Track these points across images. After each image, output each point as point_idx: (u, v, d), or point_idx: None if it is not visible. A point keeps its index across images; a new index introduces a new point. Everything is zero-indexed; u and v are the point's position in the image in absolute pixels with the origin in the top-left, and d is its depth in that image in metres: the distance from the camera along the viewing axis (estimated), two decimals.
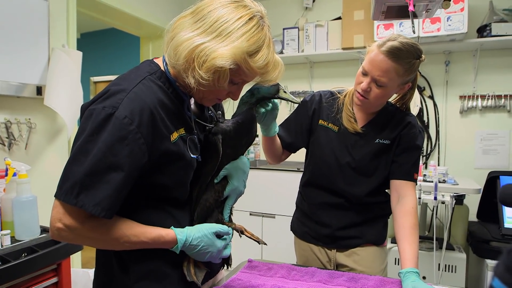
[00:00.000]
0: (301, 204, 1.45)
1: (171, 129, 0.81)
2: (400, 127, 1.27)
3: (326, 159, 1.32)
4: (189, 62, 0.75)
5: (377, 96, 1.17)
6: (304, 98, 1.41)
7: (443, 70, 2.87)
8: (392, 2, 1.02)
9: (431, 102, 2.92)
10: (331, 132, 1.32)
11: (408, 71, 1.14)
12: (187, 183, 0.89)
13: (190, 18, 0.78)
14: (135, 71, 0.82)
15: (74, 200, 0.69)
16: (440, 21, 2.50)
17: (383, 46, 1.12)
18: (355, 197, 1.30)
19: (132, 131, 0.71)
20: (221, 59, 0.73)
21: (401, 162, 1.26)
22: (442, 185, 2.29)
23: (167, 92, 0.82)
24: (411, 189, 1.25)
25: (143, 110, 0.73)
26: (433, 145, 2.91)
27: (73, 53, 2.08)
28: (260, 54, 0.77)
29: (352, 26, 2.84)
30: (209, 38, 0.74)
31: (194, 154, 0.87)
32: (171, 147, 0.80)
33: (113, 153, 0.70)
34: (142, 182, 0.78)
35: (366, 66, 1.17)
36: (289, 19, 3.36)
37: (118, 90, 0.74)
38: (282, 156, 1.41)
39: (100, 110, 0.71)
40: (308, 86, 3.34)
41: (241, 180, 0.96)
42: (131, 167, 0.72)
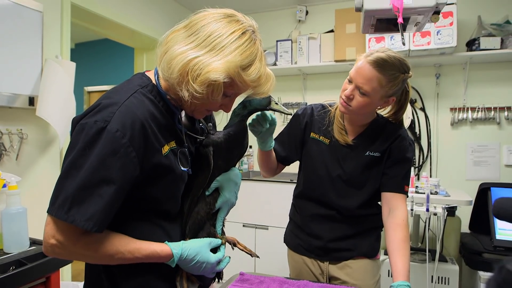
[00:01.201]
0: (294, 216, 1.46)
1: (162, 142, 0.81)
2: (391, 139, 1.28)
3: (318, 172, 1.32)
4: (183, 76, 0.76)
5: (360, 104, 1.18)
6: (296, 112, 1.42)
7: (434, 82, 2.92)
8: (381, 15, 1.04)
9: (423, 114, 2.95)
10: (322, 144, 1.33)
11: (391, 83, 1.15)
12: (178, 196, 0.89)
13: (184, 32, 0.79)
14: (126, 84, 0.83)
15: (65, 215, 0.69)
16: (430, 35, 2.55)
17: (370, 56, 1.15)
18: (346, 209, 1.31)
19: (124, 145, 0.72)
20: (215, 72, 0.74)
21: (392, 175, 1.27)
22: (434, 197, 2.30)
23: (158, 105, 0.83)
24: (402, 201, 1.25)
25: (134, 123, 0.74)
26: (425, 157, 2.94)
27: (66, 64, 2.08)
28: (253, 68, 0.78)
29: (345, 39, 2.88)
30: (203, 52, 0.75)
31: (185, 167, 0.88)
32: (163, 160, 0.80)
33: (105, 167, 0.70)
34: (133, 195, 0.78)
35: (352, 73, 1.19)
36: (282, 31, 3.41)
37: (109, 104, 0.74)
38: (277, 169, 1.42)
39: (92, 124, 0.71)
40: (302, 97, 3.37)
41: (232, 192, 0.97)
42: (123, 180, 0.72)
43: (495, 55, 2.59)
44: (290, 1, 3.29)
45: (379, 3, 1.03)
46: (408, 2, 0.99)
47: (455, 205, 2.26)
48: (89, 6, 2.41)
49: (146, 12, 2.91)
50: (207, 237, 0.92)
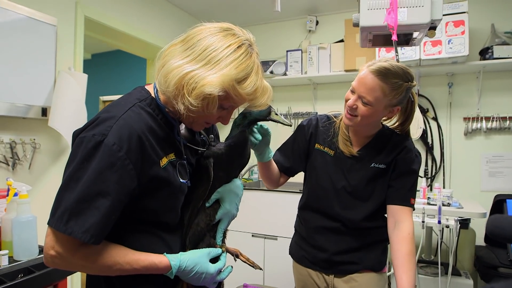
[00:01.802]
0: (299, 228, 1.45)
1: (160, 154, 0.82)
2: (396, 151, 1.27)
3: (322, 183, 1.32)
4: (179, 89, 0.77)
5: (363, 114, 1.18)
6: (301, 122, 1.42)
7: (447, 92, 2.87)
8: (377, 31, 1.04)
9: (435, 124, 2.91)
10: (327, 156, 1.32)
11: (394, 91, 1.14)
12: (177, 208, 0.89)
13: (181, 46, 0.80)
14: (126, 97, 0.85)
15: (63, 227, 0.71)
16: (441, 44, 2.53)
17: (372, 66, 1.15)
18: (351, 222, 1.29)
19: (121, 158, 0.73)
20: (210, 86, 0.75)
21: (397, 187, 1.25)
22: (447, 209, 2.25)
23: (156, 118, 0.84)
24: (407, 214, 1.23)
25: (131, 136, 0.75)
26: (437, 167, 2.88)
27: (78, 76, 2.14)
28: (249, 81, 0.79)
29: (354, 49, 2.87)
30: (198, 66, 0.76)
31: (184, 179, 0.88)
32: (161, 173, 0.81)
33: (102, 180, 0.71)
34: (132, 207, 0.79)
35: (354, 83, 1.19)
36: (292, 41, 3.42)
37: (107, 117, 0.76)
38: (280, 180, 1.42)
39: (90, 137, 0.73)
40: (312, 107, 3.37)
41: (233, 203, 0.96)
42: (120, 192, 0.74)
43: (510, 64, 2.53)
44: (300, 12, 3.31)
45: (373, 21, 1.04)
46: (403, 19, 0.99)
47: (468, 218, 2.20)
48: (102, 19, 2.47)
49: (158, 24, 2.97)
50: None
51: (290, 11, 3.27)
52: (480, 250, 2.48)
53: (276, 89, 3.53)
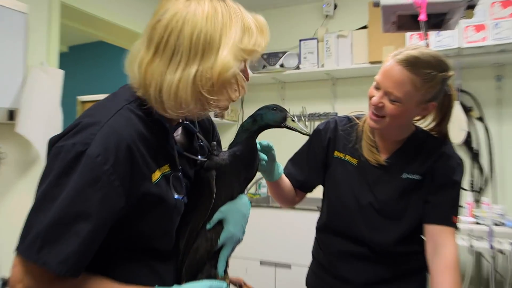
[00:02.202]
0: (317, 254, 1.44)
1: (152, 167, 0.82)
2: (433, 158, 1.25)
3: (344, 199, 1.30)
4: (198, 97, 0.78)
5: (392, 114, 1.16)
6: (317, 126, 1.41)
7: (494, 86, 2.85)
8: (402, 11, 1.02)
9: (481, 125, 2.88)
10: (348, 165, 1.31)
11: (427, 84, 1.13)
12: (172, 230, 0.88)
13: (159, 60, 0.79)
14: (111, 98, 0.84)
15: (35, 256, 0.69)
16: (486, 29, 2.51)
17: (399, 55, 1.14)
18: (380, 246, 1.27)
19: (106, 172, 0.72)
20: (226, 67, 0.77)
21: (436, 203, 1.23)
22: (500, 229, 2.22)
23: (149, 123, 0.83)
24: (450, 236, 1.21)
25: (119, 146, 0.74)
26: (486, 178, 2.85)
27: (53, 72, 2.16)
28: (247, 32, 0.82)
29: (381, 36, 2.84)
30: (197, 60, 0.77)
31: (180, 195, 0.88)
32: (152, 189, 0.81)
33: (83, 199, 0.71)
34: (118, 230, 0.78)
35: (378, 77, 1.18)
36: (306, 29, 3.43)
37: (90, 123, 0.75)
38: (296, 198, 1.41)
39: (69, 147, 0.72)
40: (331, 107, 3.36)
41: (239, 225, 0.95)
42: (104, 214, 0.73)
43: None
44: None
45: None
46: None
47: None
48: (81, 5, 2.51)
49: (146, 11, 2.99)
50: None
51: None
52: None
53: (288, 85, 3.53)
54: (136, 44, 0.85)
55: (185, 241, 0.92)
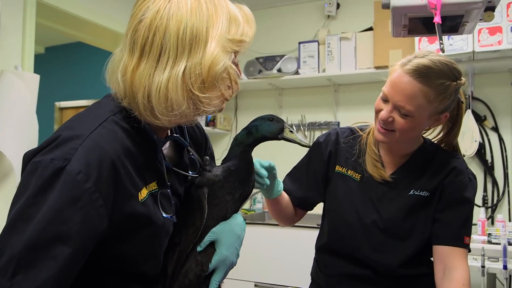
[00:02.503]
0: (316, 276, 1.44)
1: (139, 185, 0.82)
2: (443, 173, 1.27)
3: (346, 217, 1.31)
4: (189, 96, 0.79)
5: (403, 128, 1.17)
6: (317, 138, 1.43)
7: (510, 93, 2.88)
8: (414, 13, 1.04)
9: (496, 136, 2.91)
10: (351, 181, 1.32)
11: (441, 95, 1.14)
12: (159, 253, 0.88)
13: (145, 62, 0.80)
14: (95, 109, 0.85)
15: (8, 282, 0.68)
16: (501, 31, 2.54)
17: (408, 65, 1.14)
18: (385, 268, 1.28)
19: (88, 191, 0.72)
20: (216, 61, 0.79)
21: (446, 222, 1.24)
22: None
23: (136, 136, 0.84)
24: (461, 258, 1.22)
25: (102, 162, 0.74)
26: (500, 194, 2.87)
27: (28, 77, 2.16)
28: (234, 21, 0.84)
29: (387, 39, 2.88)
30: (185, 57, 0.78)
31: (168, 214, 0.88)
32: (139, 209, 0.80)
33: (62, 220, 0.70)
34: (100, 253, 0.78)
35: (387, 89, 1.19)
36: (306, 30, 3.45)
37: (71, 137, 0.75)
38: (295, 216, 1.42)
39: (47, 163, 0.72)
40: (332, 115, 3.38)
41: (232, 247, 0.95)
42: (84, 237, 0.73)
43: None
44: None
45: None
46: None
47: None
48: (59, 4, 2.51)
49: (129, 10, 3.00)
50: None
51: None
52: None
53: (286, 91, 3.54)
54: (115, 52, 0.85)
55: (173, 264, 0.92)
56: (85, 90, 4.80)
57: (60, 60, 5.00)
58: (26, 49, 2.31)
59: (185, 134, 1.00)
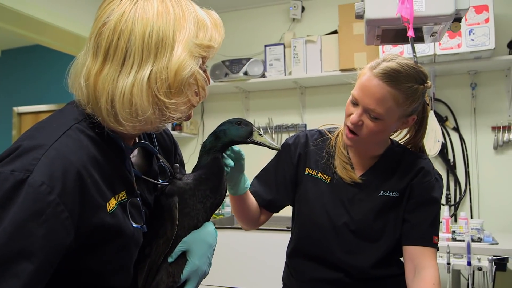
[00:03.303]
0: (288, 281, 1.43)
1: (107, 195, 0.80)
2: (411, 174, 1.28)
3: (317, 220, 1.31)
4: (155, 101, 0.77)
5: (372, 131, 1.19)
6: (286, 141, 1.42)
7: (469, 94, 2.97)
8: (387, 26, 1.06)
9: (457, 136, 2.99)
10: (321, 183, 1.33)
11: (409, 99, 1.16)
12: (129, 266, 0.86)
13: (109, 66, 0.78)
14: (58, 117, 0.82)
15: None
16: (460, 35, 2.61)
17: (377, 68, 1.16)
18: (357, 270, 1.29)
19: (52, 203, 0.69)
20: (184, 66, 0.77)
21: (415, 222, 1.26)
22: (477, 245, 2.29)
23: (102, 144, 0.82)
24: (431, 257, 1.24)
25: (67, 172, 0.72)
26: (462, 192, 2.95)
27: None
28: (201, 26, 0.83)
29: (352, 42, 2.94)
30: (151, 61, 0.77)
31: (138, 223, 0.86)
32: (107, 220, 0.78)
33: (24, 235, 0.68)
34: (65, 268, 0.76)
35: (356, 93, 1.20)
36: (272, 33, 3.47)
37: (32, 146, 0.72)
38: (260, 218, 1.41)
39: (7, 175, 0.69)
40: (299, 117, 3.40)
41: (204, 257, 0.95)
42: (49, 252, 0.70)
43: None
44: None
45: (383, 12, 1.06)
46: (420, 10, 1.01)
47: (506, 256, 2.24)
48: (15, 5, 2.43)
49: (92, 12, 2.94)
50: None
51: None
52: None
53: (252, 95, 3.55)
54: (78, 57, 0.83)
55: (144, 276, 0.90)
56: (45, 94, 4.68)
57: (18, 64, 4.86)
58: None
59: (154, 141, 0.99)
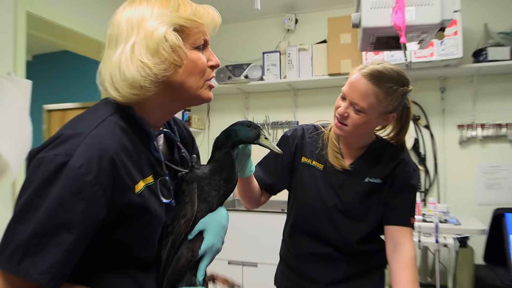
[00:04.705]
0: (285, 255, 1.44)
1: (136, 178, 0.80)
2: (393, 164, 1.29)
3: (311, 202, 1.32)
4: (140, 65, 0.78)
5: (356, 123, 1.20)
6: (285, 133, 1.42)
7: (439, 97, 2.98)
8: (381, 33, 1.06)
9: (428, 132, 3.00)
10: (315, 170, 1.33)
11: (389, 97, 1.17)
12: (154, 240, 0.87)
13: (109, 50, 0.82)
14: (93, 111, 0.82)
15: (16, 267, 0.66)
16: (433, 46, 2.62)
17: (365, 69, 1.17)
18: (345, 245, 1.30)
19: (89, 183, 0.70)
20: (156, 31, 0.78)
21: (395, 205, 1.27)
22: (444, 226, 2.31)
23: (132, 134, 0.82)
24: (408, 236, 1.25)
25: (102, 157, 0.72)
26: (431, 180, 2.97)
27: (20, 82, 2.06)
28: (182, 5, 0.83)
29: (339, 50, 2.94)
30: (134, 35, 0.79)
31: (167, 199, 0.86)
32: (135, 200, 0.79)
33: (65, 210, 0.68)
34: (99, 240, 0.76)
35: (345, 89, 1.21)
36: (269, 42, 3.46)
37: (73, 135, 0.72)
38: (261, 199, 1.41)
39: (51, 158, 0.69)
40: (292, 115, 3.40)
41: (218, 236, 0.94)
42: (86, 225, 0.70)
43: (505, 66, 2.66)
44: (277, 9, 3.36)
45: (379, 21, 1.05)
46: (411, 19, 1.01)
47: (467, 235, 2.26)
48: (47, 15, 2.40)
49: None
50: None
51: (266, 8, 3.30)
52: (480, 270, 2.55)
53: (252, 95, 3.54)
54: None
55: (167, 251, 0.90)
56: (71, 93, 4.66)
57: (47, 67, 4.82)
58: (18, 57, 2.20)
59: (176, 133, 0.99)
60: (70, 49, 3.14)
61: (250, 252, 2.81)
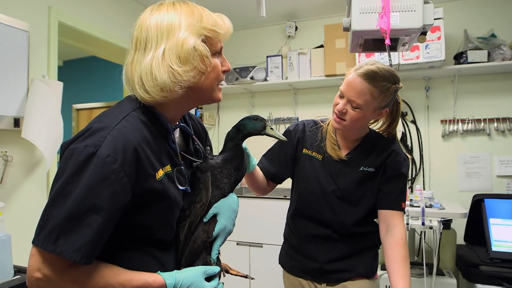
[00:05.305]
0: (289, 237, 1.43)
1: (156, 166, 0.80)
2: (385, 154, 1.28)
3: (311, 188, 1.31)
4: (170, 71, 0.77)
5: (353, 118, 1.19)
6: (288, 128, 1.42)
7: (424, 95, 2.95)
8: (369, 36, 1.04)
9: (414, 127, 2.98)
10: (315, 160, 1.32)
11: (383, 94, 1.16)
12: (172, 223, 0.86)
13: (137, 53, 0.80)
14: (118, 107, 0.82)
15: (52, 246, 0.66)
16: (419, 49, 2.59)
17: (360, 69, 1.16)
18: (342, 227, 1.29)
19: (115, 170, 0.70)
20: (187, 41, 0.77)
21: (387, 191, 1.26)
22: (429, 210, 2.29)
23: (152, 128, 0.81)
24: (399, 219, 1.24)
25: (126, 147, 0.72)
26: (417, 169, 2.95)
27: (53, 84, 2.05)
28: (205, 15, 0.83)
29: (334, 54, 2.91)
30: (164, 42, 0.78)
31: (183, 186, 0.86)
32: (156, 186, 0.78)
33: (94, 195, 0.68)
34: (124, 222, 0.76)
35: (343, 88, 1.20)
36: (272, 47, 3.43)
37: (100, 128, 0.73)
38: (267, 187, 1.40)
39: (81, 149, 0.70)
40: (293, 112, 3.38)
41: (230, 219, 0.94)
42: (113, 208, 0.71)
43: (483, 67, 2.63)
44: (279, 17, 3.33)
45: (366, 25, 1.04)
46: (395, 24, 1.00)
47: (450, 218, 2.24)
48: (76, 25, 2.40)
49: None
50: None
51: (270, 16, 3.29)
52: (461, 249, 2.54)
53: (257, 94, 3.53)
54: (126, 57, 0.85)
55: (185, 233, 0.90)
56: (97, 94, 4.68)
57: (76, 71, 4.83)
58: (51, 62, 2.20)
59: (190, 128, 0.98)
60: (97, 54, 3.13)
61: (257, 234, 2.81)
